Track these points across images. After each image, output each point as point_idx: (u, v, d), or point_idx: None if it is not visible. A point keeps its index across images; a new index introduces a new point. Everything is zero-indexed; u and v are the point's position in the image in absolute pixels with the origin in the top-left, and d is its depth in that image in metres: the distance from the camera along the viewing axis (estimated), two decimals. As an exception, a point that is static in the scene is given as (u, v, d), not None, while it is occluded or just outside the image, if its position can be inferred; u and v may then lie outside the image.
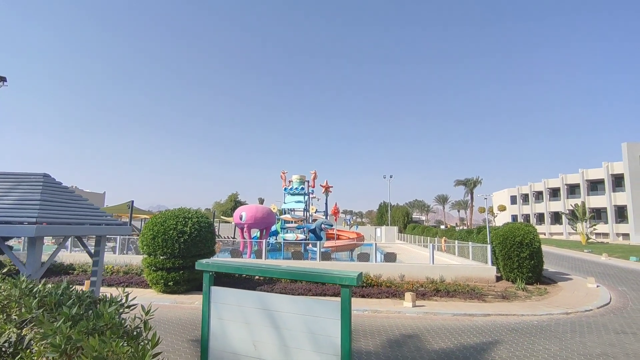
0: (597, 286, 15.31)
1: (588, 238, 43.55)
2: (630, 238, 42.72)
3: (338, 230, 31.09)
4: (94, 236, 5.55)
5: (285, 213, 26.95)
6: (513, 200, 72.36)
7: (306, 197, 27.63)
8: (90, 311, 2.21)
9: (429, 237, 29.93)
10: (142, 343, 2.05)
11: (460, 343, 8.08)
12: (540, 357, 7.25)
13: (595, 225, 46.34)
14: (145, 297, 12.08)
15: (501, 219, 68.61)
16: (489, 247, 16.83)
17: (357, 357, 7.09)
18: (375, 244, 19.13)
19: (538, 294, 13.75)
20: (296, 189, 27.22)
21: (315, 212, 28.85)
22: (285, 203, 27.57)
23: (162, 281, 12.50)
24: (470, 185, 79.29)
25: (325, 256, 17.90)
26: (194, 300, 11.93)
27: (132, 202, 23.90)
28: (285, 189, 27.90)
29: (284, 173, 28.53)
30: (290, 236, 25.02)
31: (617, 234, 46.30)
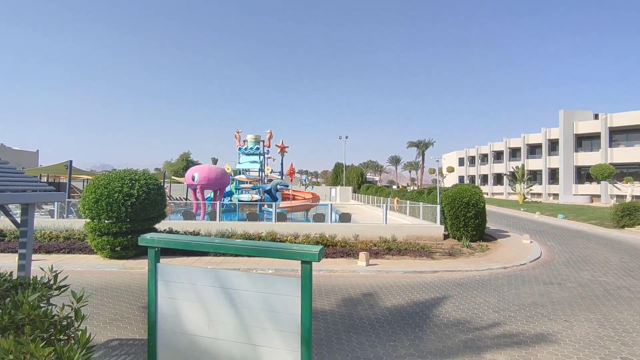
0: (531, 242, 16.76)
1: (525, 198, 47.32)
2: (559, 198, 47.01)
3: (294, 191, 31.08)
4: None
5: (240, 173, 26.32)
6: (461, 162, 76.18)
7: (261, 157, 27.06)
8: (8, 299, 1.85)
9: (382, 198, 30.88)
10: (72, 340, 1.76)
11: (410, 299, 8.51)
12: (481, 308, 7.83)
13: (531, 186, 50.29)
14: (90, 263, 11.41)
15: (449, 180, 72.31)
16: (438, 207, 17.64)
17: (314, 318, 7.22)
18: (331, 204, 19.36)
19: (480, 250, 14.79)
20: (251, 148, 26.49)
21: (270, 173, 28.44)
22: (240, 163, 26.85)
23: (109, 246, 11.81)
24: (422, 147, 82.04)
25: (281, 217, 17.87)
26: (145, 265, 11.47)
27: (71, 162, 22.03)
28: (239, 148, 27.05)
29: (238, 132, 27.52)
30: (245, 197, 24.63)
31: (549, 194, 50.71)
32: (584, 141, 46.56)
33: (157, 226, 13.99)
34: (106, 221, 11.92)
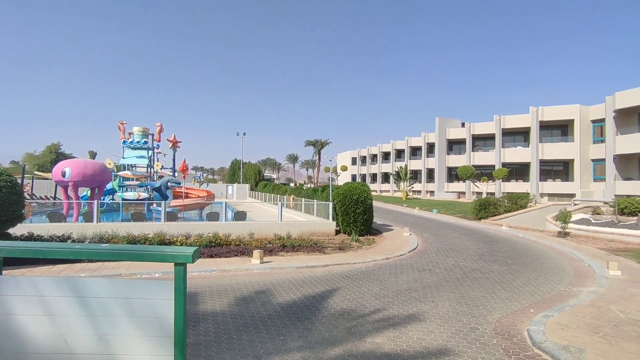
0: (410, 234, 18.80)
1: (407, 195, 52.77)
2: (435, 194, 53.62)
3: (187, 189, 29.40)
4: None
5: (124, 169, 23.77)
6: (354, 161, 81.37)
7: (150, 151, 24.85)
8: None
9: (279, 195, 31.20)
10: None
11: (302, 293, 8.81)
12: (365, 297, 8.53)
13: (413, 184, 56.28)
14: None
15: (343, 178, 76.51)
16: (330, 204, 18.58)
17: (203, 319, 6.97)
18: (226, 202, 18.86)
19: (367, 244, 16.04)
20: (138, 142, 24.08)
21: (161, 169, 26.35)
22: (124, 158, 24.18)
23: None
24: (318, 146, 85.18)
25: (171, 216, 16.75)
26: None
27: None
28: (124, 141, 24.35)
29: (122, 123, 24.73)
30: (130, 195, 22.30)
31: (427, 191, 57.47)
32: (454, 145, 53.92)
33: (11, 231, 11.83)
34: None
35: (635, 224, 19.90)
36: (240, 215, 18.00)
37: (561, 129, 41.81)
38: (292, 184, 77.61)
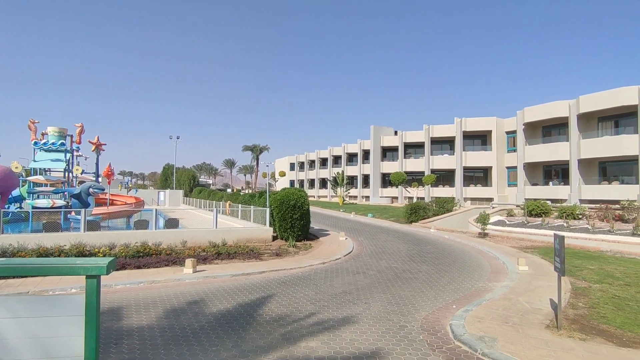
0: (346, 238, 19.28)
1: (344, 200, 54.09)
2: (370, 199, 55.63)
3: (112, 195, 27.24)
4: None
5: (35, 174, 21.34)
6: (292, 167, 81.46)
7: (68, 154, 22.65)
8: None
9: (214, 201, 30.21)
10: None
11: (237, 302, 8.60)
12: (301, 302, 8.57)
13: (349, 189, 57.84)
14: None
15: (281, 184, 76.31)
16: (267, 210, 18.41)
17: (127, 336, 6.50)
18: (156, 209, 17.81)
19: (304, 249, 16.14)
20: (53, 144, 21.81)
21: (81, 174, 24.17)
22: (35, 161, 21.71)
23: None
24: (257, 151, 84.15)
25: (93, 225, 15.37)
26: None
27: None
28: (36, 142, 21.89)
29: (33, 122, 22.21)
30: (43, 202, 20.04)
31: (363, 197, 59.41)
32: (388, 152, 56.50)
33: None
34: None
35: (540, 224, 22.47)
36: (172, 223, 17.09)
37: (481, 139, 45.90)
38: (229, 190, 75.57)
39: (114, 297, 8.91)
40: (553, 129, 36.34)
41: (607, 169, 32.20)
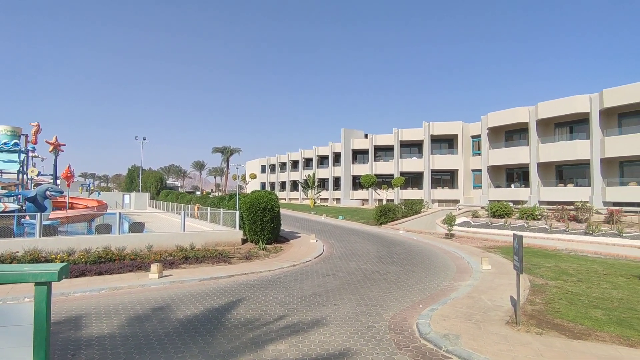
0: (316, 241, 19.31)
1: (315, 202, 54.21)
2: (341, 202, 56.03)
3: (72, 198, 25.97)
4: None
5: (-14, 176, 20.04)
6: (263, 169, 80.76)
7: (23, 155, 21.42)
8: None
9: (182, 204, 29.44)
10: None
11: (204, 307, 8.41)
12: (270, 305, 8.50)
13: (320, 192, 58.02)
14: None
15: (252, 186, 75.41)
16: (237, 213, 18.16)
17: (86, 346, 6.21)
18: (120, 212, 17.13)
19: (275, 252, 16.03)
20: (6, 144, 20.57)
21: (37, 175, 22.87)
22: (-14, 162, 20.44)
23: None
24: (227, 153, 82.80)
25: (50, 230, 14.60)
26: None
27: None
28: (-14, 143, 20.60)
29: (-15, 122, 20.91)
30: (-6, 206, 18.87)
31: (334, 199, 59.76)
32: (358, 155, 57.18)
33: None
34: None
35: (503, 224, 23.45)
36: (137, 227, 16.50)
37: (448, 142, 47.37)
38: (198, 193, 73.81)
39: (72, 305, 8.49)
40: (515, 133, 38.07)
41: (563, 172, 34.12)
